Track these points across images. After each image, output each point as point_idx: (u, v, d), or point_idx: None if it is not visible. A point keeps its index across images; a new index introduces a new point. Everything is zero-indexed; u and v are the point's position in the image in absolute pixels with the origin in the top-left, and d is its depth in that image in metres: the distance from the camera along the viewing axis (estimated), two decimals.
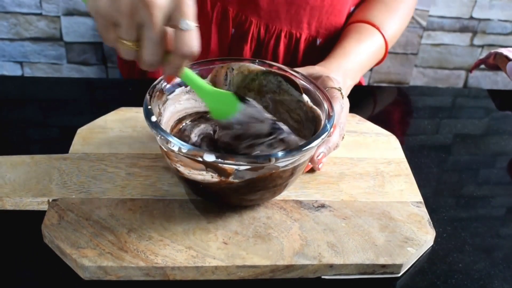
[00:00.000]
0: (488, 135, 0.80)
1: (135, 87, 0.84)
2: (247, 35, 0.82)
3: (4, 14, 1.30)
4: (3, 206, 0.59)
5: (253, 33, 0.81)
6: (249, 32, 0.81)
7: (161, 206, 0.59)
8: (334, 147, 0.62)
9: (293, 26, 0.82)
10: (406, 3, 0.86)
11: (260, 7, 0.79)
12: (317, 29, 0.83)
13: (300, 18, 0.81)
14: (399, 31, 0.86)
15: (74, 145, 0.67)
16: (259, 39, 0.82)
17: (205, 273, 0.53)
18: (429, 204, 0.64)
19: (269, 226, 0.58)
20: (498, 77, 1.52)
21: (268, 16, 0.80)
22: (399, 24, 0.85)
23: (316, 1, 0.79)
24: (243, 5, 0.79)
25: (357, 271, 0.55)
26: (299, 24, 0.81)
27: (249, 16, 0.80)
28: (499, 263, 0.59)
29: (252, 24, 0.81)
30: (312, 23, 0.82)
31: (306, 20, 0.81)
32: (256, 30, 0.81)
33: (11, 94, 0.80)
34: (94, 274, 0.52)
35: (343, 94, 0.63)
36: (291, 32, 0.82)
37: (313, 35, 0.83)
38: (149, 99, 0.56)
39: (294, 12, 0.80)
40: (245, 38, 0.82)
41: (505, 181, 0.72)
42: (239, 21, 0.81)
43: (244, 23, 0.81)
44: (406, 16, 0.87)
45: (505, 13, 1.40)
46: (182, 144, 0.51)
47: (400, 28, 0.86)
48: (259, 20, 0.80)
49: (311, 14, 0.80)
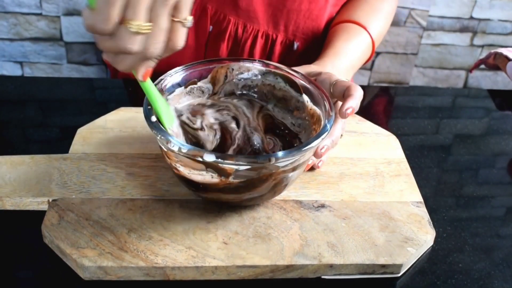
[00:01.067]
0: (488, 135, 0.80)
1: (135, 87, 0.84)
2: (225, 33, 0.83)
3: (4, 14, 1.30)
4: (3, 206, 0.59)
5: (230, 31, 0.82)
6: (227, 31, 0.82)
7: (161, 206, 0.59)
8: (337, 141, 0.62)
9: (270, 27, 0.83)
10: (389, 2, 0.87)
11: (238, 6, 0.80)
12: (294, 32, 0.84)
13: (277, 20, 0.82)
14: (384, 30, 0.88)
15: (74, 145, 0.67)
16: (236, 38, 0.83)
17: (205, 273, 0.53)
18: (429, 204, 0.64)
19: (269, 226, 0.58)
20: (498, 77, 1.52)
21: (246, 16, 0.81)
22: (383, 23, 0.86)
23: (293, 4, 0.80)
24: (222, 4, 0.80)
25: (357, 271, 0.55)
26: (276, 26, 0.83)
27: (227, 15, 0.81)
28: (499, 263, 0.59)
29: (230, 22, 0.81)
30: (289, 26, 0.83)
31: (283, 23, 0.82)
32: (233, 28, 0.82)
33: (11, 94, 0.80)
34: (94, 274, 0.52)
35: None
36: (268, 33, 0.83)
37: (290, 38, 0.85)
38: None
39: (272, 14, 0.81)
40: (222, 36, 0.83)
41: (505, 181, 0.72)
42: (217, 19, 0.82)
43: (222, 21, 0.82)
44: (390, 15, 0.88)
45: (505, 13, 1.41)
46: (182, 144, 0.51)
47: (385, 26, 0.87)
48: (237, 19, 0.81)
49: (288, 16, 0.82)
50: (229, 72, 0.64)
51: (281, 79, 0.64)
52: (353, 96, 0.59)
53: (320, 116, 0.59)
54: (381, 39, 0.88)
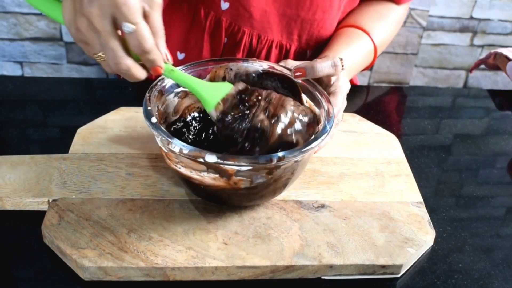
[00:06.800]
0: (488, 135, 0.80)
1: (135, 87, 0.84)
2: (239, 45, 0.83)
3: (4, 14, 1.30)
4: (3, 206, 0.59)
5: (245, 42, 0.82)
6: (242, 42, 0.82)
7: (161, 206, 0.59)
8: (340, 116, 0.63)
9: (284, 37, 0.83)
10: (397, 11, 0.87)
11: (253, 18, 0.80)
12: (308, 41, 0.84)
13: (291, 30, 0.82)
14: (390, 37, 0.88)
15: (74, 145, 0.67)
16: (251, 49, 0.83)
17: (205, 274, 0.53)
18: (429, 204, 0.64)
19: (269, 227, 0.58)
20: (498, 77, 1.52)
21: (261, 27, 0.81)
22: (389, 30, 0.86)
23: (307, 14, 0.80)
24: (237, 16, 0.80)
25: (357, 271, 0.55)
26: (290, 36, 0.83)
27: (242, 26, 0.81)
28: (499, 263, 0.59)
29: (244, 34, 0.82)
30: (303, 36, 0.83)
31: (297, 32, 0.82)
32: (248, 40, 0.82)
33: (11, 94, 0.80)
34: (94, 274, 0.52)
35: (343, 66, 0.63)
36: (282, 43, 0.83)
37: (303, 47, 0.85)
38: (148, 99, 0.56)
39: (286, 24, 0.81)
40: (237, 47, 0.83)
41: (505, 181, 0.72)
42: (232, 31, 0.82)
43: (237, 33, 0.82)
44: (397, 24, 0.88)
45: (505, 13, 1.40)
46: (183, 145, 0.51)
47: (390, 35, 0.87)
48: (251, 30, 0.81)
49: (302, 26, 0.82)
50: (227, 73, 0.64)
51: (281, 79, 0.64)
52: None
53: (319, 116, 0.59)
54: (385, 46, 0.88)
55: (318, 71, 0.60)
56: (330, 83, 0.63)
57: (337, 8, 0.82)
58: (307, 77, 0.61)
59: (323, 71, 0.60)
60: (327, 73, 0.61)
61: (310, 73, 0.60)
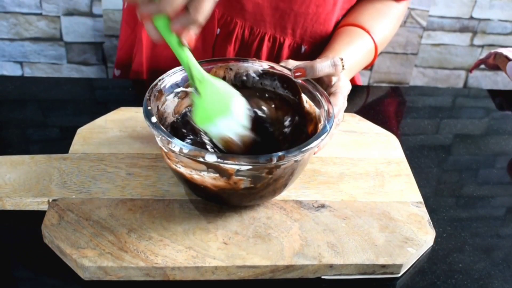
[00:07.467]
0: (488, 135, 0.80)
1: (135, 87, 0.84)
2: (232, 36, 0.82)
3: (4, 14, 1.30)
4: (3, 206, 0.59)
5: (237, 34, 0.82)
6: (234, 33, 0.82)
7: (161, 206, 0.59)
8: (341, 117, 0.63)
9: (277, 30, 0.83)
10: (397, 8, 0.87)
11: (245, 9, 0.80)
12: (302, 36, 0.83)
13: (285, 23, 0.82)
14: (390, 35, 0.87)
15: (74, 145, 0.67)
16: (243, 40, 0.83)
17: (205, 273, 0.53)
18: (429, 204, 0.64)
19: (269, 226, 0.58)
20: (498, 77, 1.52)
21: (253, 19, 0.81)
22: (389, 29, 0.86)
23: (300, 8, 0.80)
24: (229, 7, 0.80)
25: (357, 271, 0.55)
26: (284, 29, 0.82)
27: (234, 18, 0.81)
28: (499, 263, 0.59)
29: (237, 25, 0.81)
30: (297, 30, 0.83)
31: (290, 26, 0.82)
32: (240, 31, 0.82)
33: (11, 94, 0.80)
34: (94, 274, 0.52)
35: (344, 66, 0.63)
36: (275, 36, 0.83)
37: (298, 42, 0.84)
38: (148, 99, 0.56)
39: (279, 17, 0.81)
40: (229, 39, 0.83)
41: (505, 181, 0.72)
42: (225, 22, 0.82)
43: (229, 24, 0.82)
44: (397, 20, 0.88)
45: (505, 13, 1.40)
46: (183, 144, 0.51)
47: (391, 32, 0.87)
48: (244, 22, 0.81)
49: (295, 20, 0.81)
50: (227, 73, 0.64)
51: (280, 79, 0.64)
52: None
53: (319, 116, 0.59)
54: (386, 44, 0.88)
55: (318, 71, 0.60)
56: (331, 84, 0.64)
57: (332, 3, 0.81)
58: (307, 77, 0.61)
59: (323, 70, 0.60)
60: (327, 72, 0.61)
61: (310, 73, 0.60)
